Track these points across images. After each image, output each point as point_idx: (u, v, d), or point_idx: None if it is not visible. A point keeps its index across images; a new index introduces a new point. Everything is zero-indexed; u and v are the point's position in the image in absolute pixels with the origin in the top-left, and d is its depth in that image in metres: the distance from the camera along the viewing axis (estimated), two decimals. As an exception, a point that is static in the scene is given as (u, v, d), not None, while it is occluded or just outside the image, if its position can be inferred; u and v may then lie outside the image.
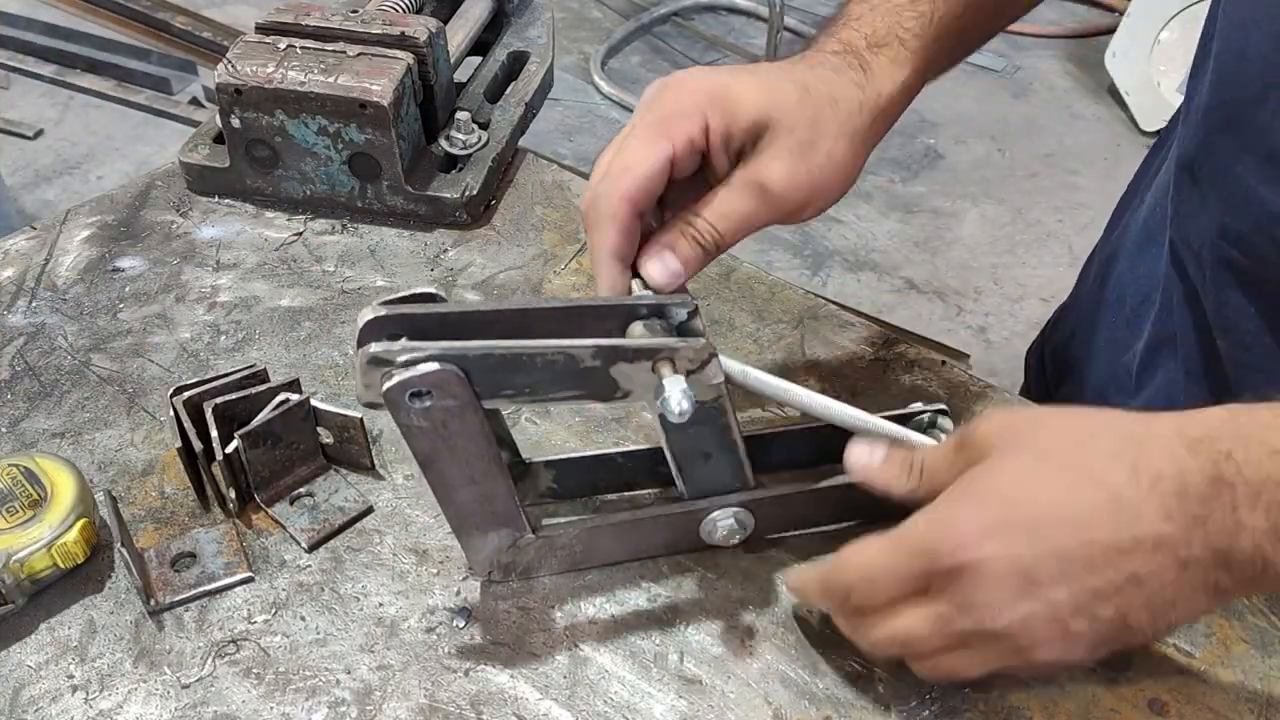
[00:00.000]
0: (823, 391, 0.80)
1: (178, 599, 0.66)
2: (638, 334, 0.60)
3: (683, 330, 0.61)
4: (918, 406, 0.71)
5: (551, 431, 0.76)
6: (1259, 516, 0.46)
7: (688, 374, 0.57)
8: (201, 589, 0.66)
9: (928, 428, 0.70)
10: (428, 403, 0.55)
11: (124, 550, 0.62)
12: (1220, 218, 0.72)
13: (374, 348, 0.54)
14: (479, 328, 0.57)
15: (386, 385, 0.54)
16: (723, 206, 0.62)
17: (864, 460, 0.59)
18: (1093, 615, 0.50)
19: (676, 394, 0.56)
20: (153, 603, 0.65)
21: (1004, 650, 0.53)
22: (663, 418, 0.60)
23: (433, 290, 0.60)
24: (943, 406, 0.71)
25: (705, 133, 0.62)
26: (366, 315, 0.56)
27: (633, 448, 0.71)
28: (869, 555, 0.55)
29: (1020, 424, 0.54)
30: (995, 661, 0.54)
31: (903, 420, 0.68)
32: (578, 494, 0.71)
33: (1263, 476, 0.46)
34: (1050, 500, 0.49)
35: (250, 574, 0.67)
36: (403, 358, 0.54)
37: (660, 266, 0.62)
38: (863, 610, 0.56)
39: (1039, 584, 0.49)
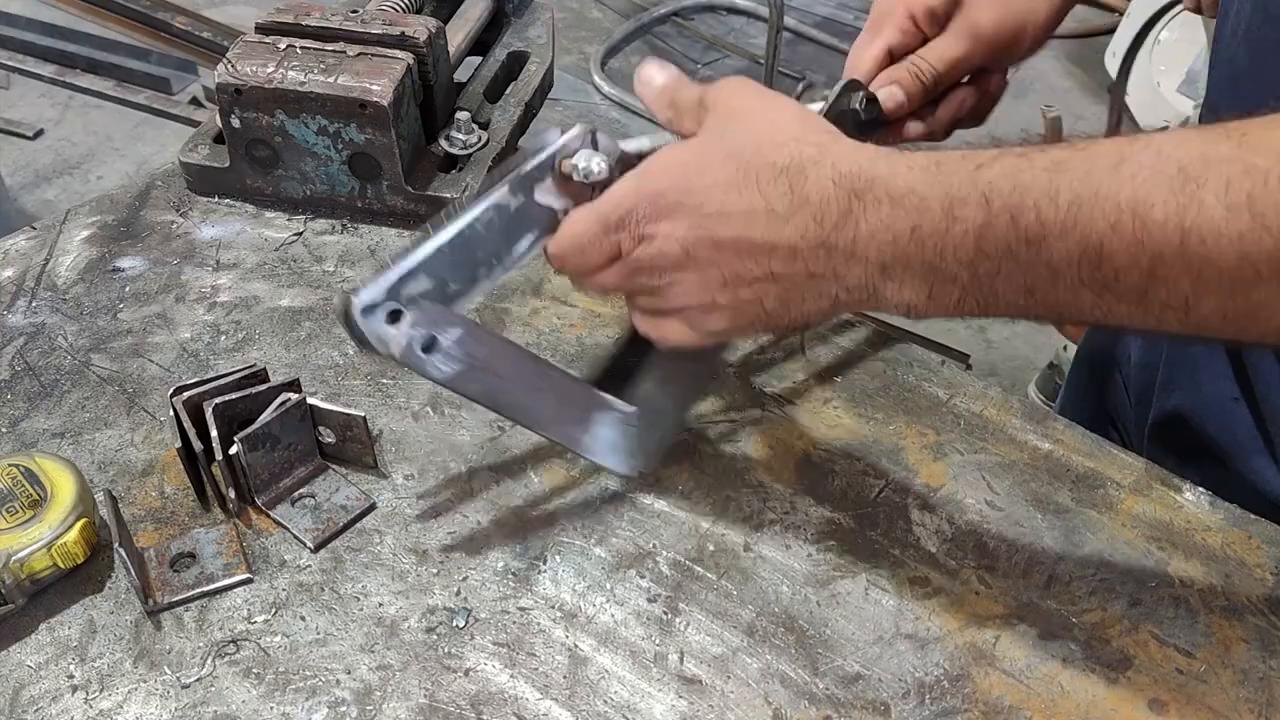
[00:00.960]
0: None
1: (176, 599, 0.66)
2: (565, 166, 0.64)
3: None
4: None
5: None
6: (872, 251, 0.54)
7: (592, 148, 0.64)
8: (200, 590, 0.66)
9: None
10: (441, 346, 0.61)
11: (122, 550, 0.62)
12: None
13: (358, 301, 0.59)
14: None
15: (397, 353, 0.60)
16: (940, 48, 0.73)
17: (647, 75, 0.64)
18: (735, 294, 0.59)
19: (583, 161, 0.62)
20: (151, 603, 0.65)
21: (681, 317, 0.62)
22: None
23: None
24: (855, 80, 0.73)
25: (911, 19, 0.73)
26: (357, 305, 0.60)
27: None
28: (576, 226, 0.62)
29: (737, 109, 0.60)
30: (685, 329, 0.62)
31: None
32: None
33: (879, 219, 0.54)
34: (720, 195, 0.57)
35: (249, 575, 0.67)
36: (365, 301, 0.59)
37: (886, 93, 0.72)
38: (579, 270, 0.63)
39: (696, 261, 0.58)
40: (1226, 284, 0.47)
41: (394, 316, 0.59)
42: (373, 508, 0.71)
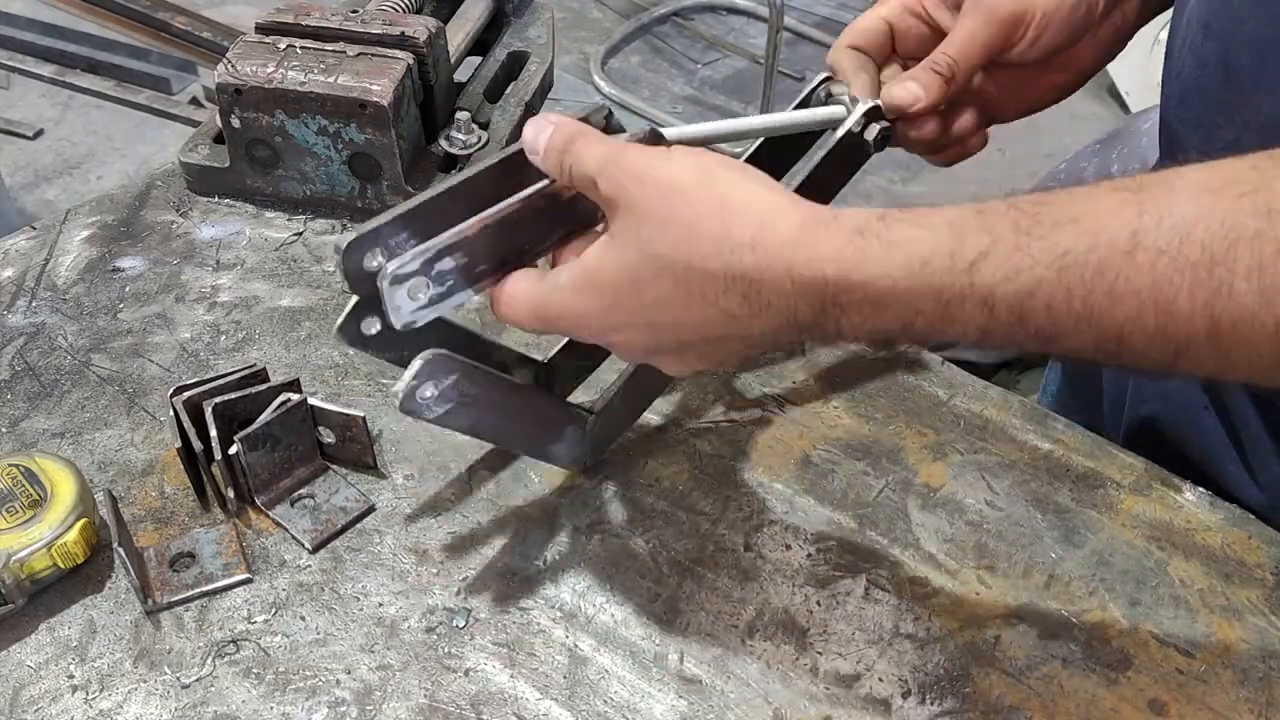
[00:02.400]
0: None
1: (175, 599, 0.66)
2: None
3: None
4: (815, 80, 0.73)
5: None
6: (861, 335, 0.53)
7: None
8: (200, 590, 0.66)
9: (827, 99, 0.72)
10: (434, 392, 0.59)
11: (122, 550, 0.62)
12: None
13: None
14: (438, 217, 0.58)
15: (400, 402, 0.58)
16: (954, 34, 0.71)
17: (531, 135, 0.60)
18: (714, 354, 0.57)
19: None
20: (150, 602, 0.65)
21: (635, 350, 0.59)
22: None
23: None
24: (826, 75, 0.73)
25: None
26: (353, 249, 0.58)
27: None
28: (514, 310, 0.58)
29: (641, 207, 0.53)
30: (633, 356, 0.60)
31: (803, 103, 0.73)
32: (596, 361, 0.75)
33: (860, 319, 0.50)
34: (671, 311, 0.53)
35: (248, 575, 0.67)
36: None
37: (901, 89, 0.69)
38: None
39: (663, 352, 0.57)
40: (1263, 361, 0.45)
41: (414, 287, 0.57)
42: (372, 509, 0.71)
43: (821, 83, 0.73)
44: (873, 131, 0.69)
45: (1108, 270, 0.45)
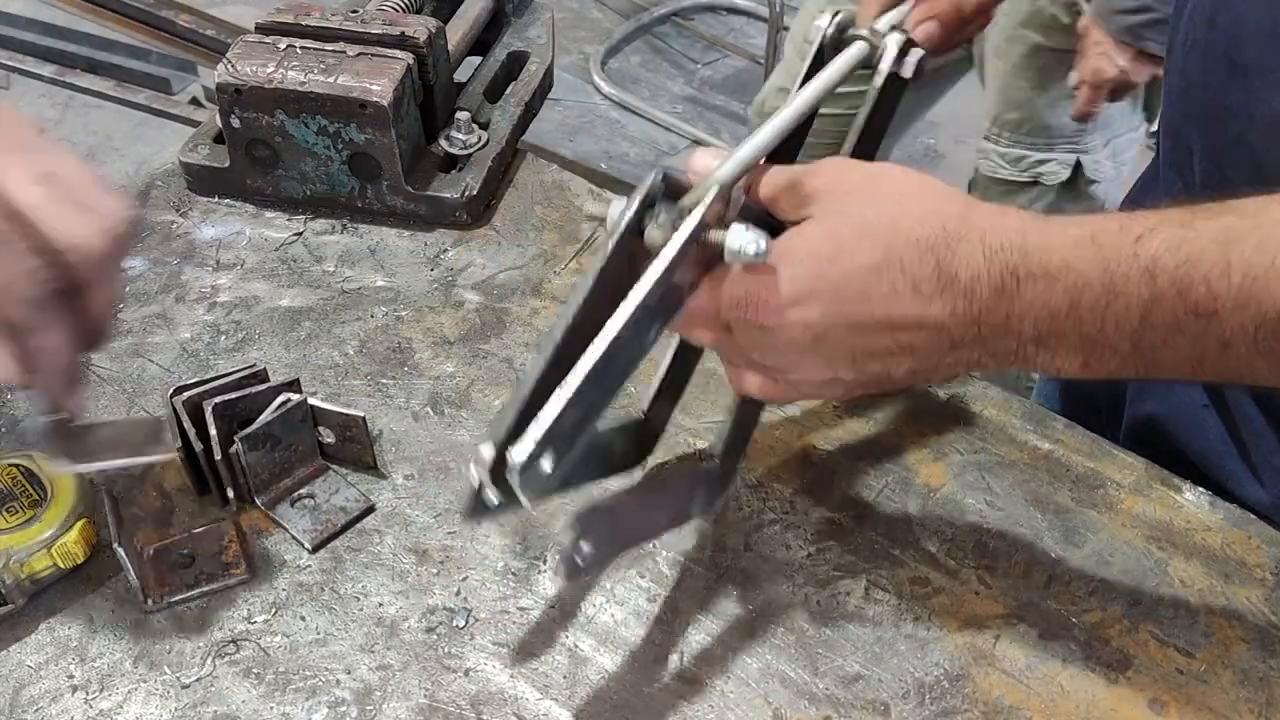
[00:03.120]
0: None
1: (175, 599, 0.66)
2: (654, 234, 0.56)
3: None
4: (818, 29, 0.67)
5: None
6: (1027, 326, 0.52)
7: (727, 218, 0.56)
8: (199, 589, 0.66)
9: (838, 45, 0.66)
10: (590, 547, 0.56)
11: (121, 549, 0.62)
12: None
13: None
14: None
15: (564, 575, 0.59)
16: None
17: (700, 165, 0.58)
18: (861, 369, 0.56)
19: (742, 243, 0.54)
20: (149, 602, 0.65)
21: (774, 378, 0.58)
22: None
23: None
24: (827, 21, 0.67)
25: None
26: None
27: None
28: (694, 302, 0.56)
29: (851, 187, 0.56)
30: (775, 388, 0.59)
31: (817, 58, 0.67)
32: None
33: (1034, 295, 0.52)
34: (860, 279, 0.53)
35: (247, 575, 0.67)
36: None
37: (921, 32, 0.67)
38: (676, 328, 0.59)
39: (826, 344, 0.55)
40: None
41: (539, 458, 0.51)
42: (372, 509, 0.71)
43: (830, 28, 0.67)
44: (909, 67, 0.65)
45: (1268, 247, 0.47)
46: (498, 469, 0.52)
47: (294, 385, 0.72)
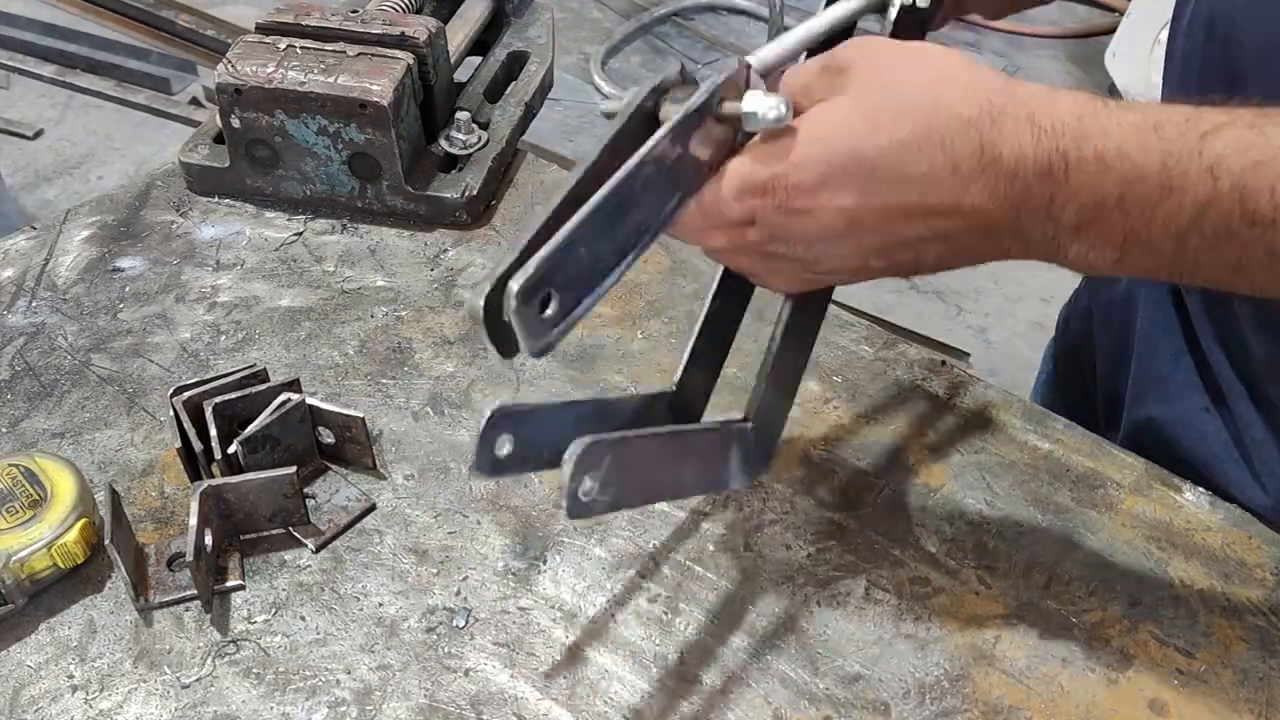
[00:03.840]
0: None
1: (169, 599, 0.66)
2: (670, 110, 0.55)
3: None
4: None
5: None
6: (1069, 214, 0.49)
7: (746, 89, 0.54)
8: (194, 590, 0.66)
9: None
10: (594, 483, 0.53)
11: (113, 546, 0.62)
12: None
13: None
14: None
15: (567, 508, 0.52)
16: None
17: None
18: (891, 257, 0.53)
19: (758, 105, 0.52)
20: (142, 601, 0.65)
21: (800, 268, 0.56)
22: None
23: None
24: None
25: None
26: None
27: None
28: (711, 191, 0.54)
29: (886, 61, 0.53)
30: (802, 278, 0.57)
31: None
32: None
33: (1082, 181, 0.49)
34: (897, 156, 0.50)
35: (241, 583, 0.67)
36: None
37: None
38: (691, 230, 0.56)
39: (858, 229, 0.52)
40: None
41: (543, 304, 0.49)
42: (372, 508, 0.71)
43: None
44: None
45: None
46: (493, 318, 0.49)
47: (294, 385, 0.72)
